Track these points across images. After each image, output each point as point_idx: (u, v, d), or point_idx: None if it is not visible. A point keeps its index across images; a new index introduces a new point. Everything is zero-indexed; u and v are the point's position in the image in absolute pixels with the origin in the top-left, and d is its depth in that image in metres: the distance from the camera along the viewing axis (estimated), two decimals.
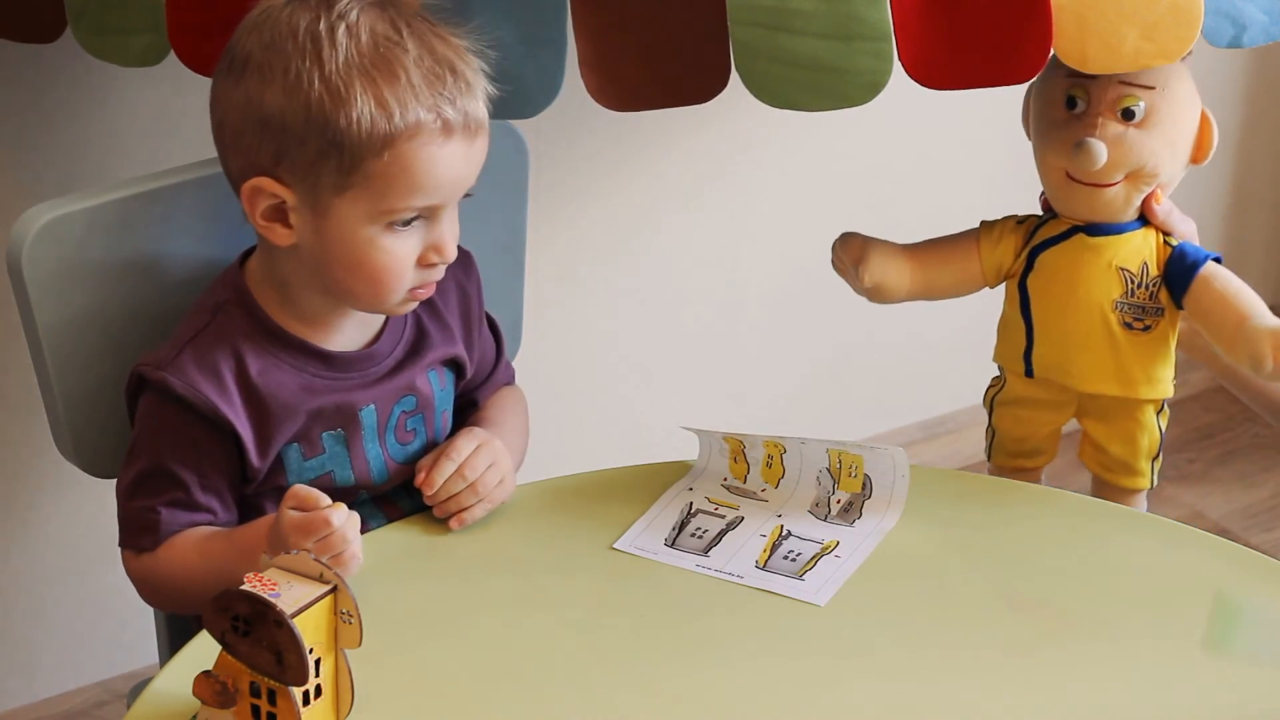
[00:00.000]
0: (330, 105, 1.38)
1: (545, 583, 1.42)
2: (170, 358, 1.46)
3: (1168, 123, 1.56)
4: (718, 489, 1.53)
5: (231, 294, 1.49)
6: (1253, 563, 1.46)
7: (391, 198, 1.41)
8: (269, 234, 1.44)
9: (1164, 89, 1.55)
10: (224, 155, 1.46)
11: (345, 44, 1.39)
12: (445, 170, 1.41)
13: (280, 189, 1.41)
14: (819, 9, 1.40)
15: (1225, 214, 2.96)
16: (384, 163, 1.39)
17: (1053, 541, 1.48)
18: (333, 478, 1.50)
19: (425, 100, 1.40)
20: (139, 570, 1.48)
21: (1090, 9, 1.40)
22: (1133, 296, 1.59)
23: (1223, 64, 2.79)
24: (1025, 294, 1.62)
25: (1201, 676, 1.33)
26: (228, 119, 1.43)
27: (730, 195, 2.43)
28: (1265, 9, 1.47)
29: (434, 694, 1.30)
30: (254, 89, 1.40)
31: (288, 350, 1.48)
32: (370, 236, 1.42)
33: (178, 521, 1.46)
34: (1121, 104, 1.54)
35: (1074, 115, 1.56)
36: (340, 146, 1.39)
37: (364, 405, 1.50)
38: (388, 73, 1.39)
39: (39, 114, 1.99)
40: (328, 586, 1.21)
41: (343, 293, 1.46)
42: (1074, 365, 1.61)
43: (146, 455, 1.47)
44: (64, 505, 2.16)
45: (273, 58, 1.39)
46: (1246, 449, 2.80)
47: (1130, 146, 1.55)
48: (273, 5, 1.42)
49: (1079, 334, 1.60)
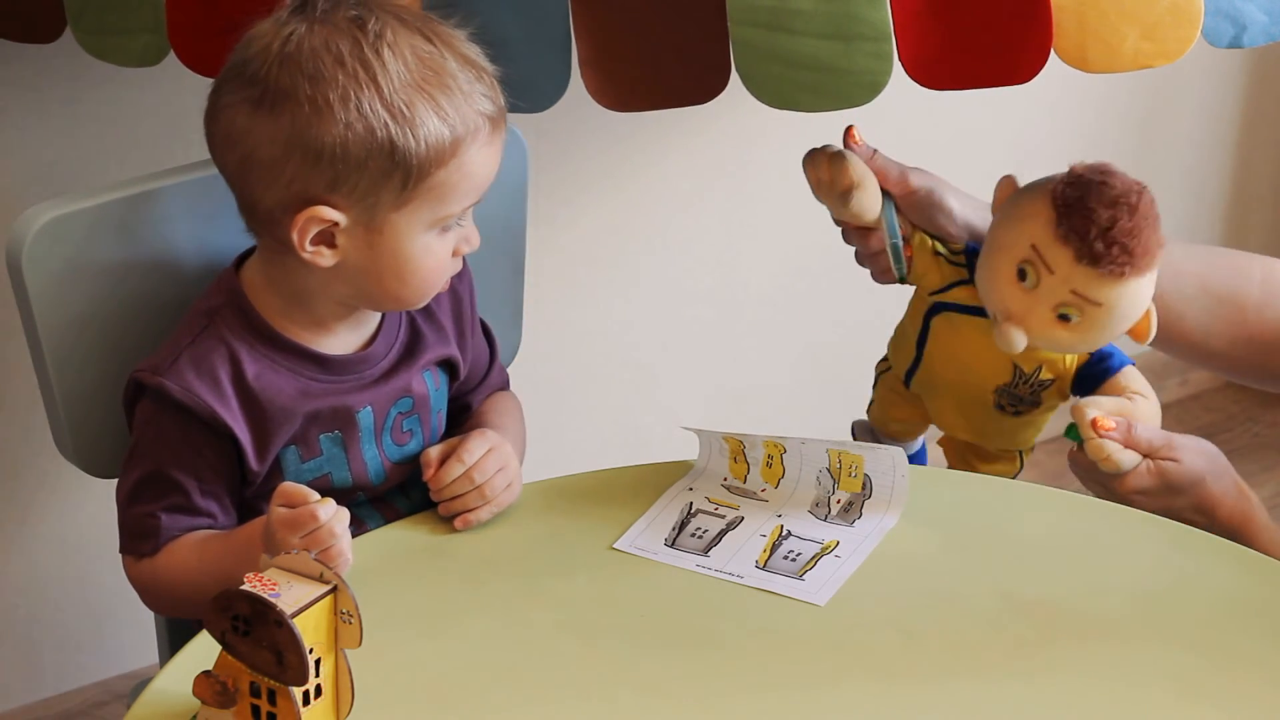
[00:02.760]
0: (396, 128, 1.38)
1: (545, 583, 1.42)
2: (167, 363, 1.46)
3: (1101, 333, 1.53)
4: (718, 489, 1.53)
5: (227, 298, 1.49)
6: (1253, 563, 1.46)
7: (451, 203, 1.42)
8: (315, 259, 1.42)
9: (1111, 307, 1.51)
10: (250, 188, 1.43)
11: (395, 65, 1.39)
12: (493, 166, 1.44)
13: (334, 213, 1.41)
14: (819, 9, 1.40)
15: (1225, 214, 2.96)
16: (447, 172, 1.40)
17: (1053, 541, 1.49)
18: (330, 479, 1.50)
19: (474, 103, 1.41)
20: (140, 576, 1.48)
21: (1090, 9, 1.40)
22: (1015, 388, 1.59)
23: (1223, 64, 2.79)
24: (926, 329, 1.62)
25: (1201, 676, 1.33)
26: (260, 153, 1.40)
27: (730, 195, 2.43)
28: (1265, 9, 1.47)
29: (434, 694, 1.30)
30: (301, 121, 1.38)
31: (284, 354, 1.48)
32: (425, 243, 1.43)
33: (178, 526, 1.46)
34: (1062, 309, 1.52)
35: (1020, 286, 1.53)
36: (407, 165, 1.39)
37: (360, 407, 1.50)
38: (441, 85, 1.40)
39: (39, 114, 1.99)
40: (328, 586, 1.21)
41: (383, 298, 1.47)
42: (936, 408, 1.64)
43: (146, 461, 1.47)
44: (64, 505, 2.16)
45: (322, 88, 1.38)
46: (1246, 449, 2.80)
47: (1054, 341, 1.54)
48: (295, 34, 1.40)
49: (955, 394, 1.62)
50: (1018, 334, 1.53)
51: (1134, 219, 1.49)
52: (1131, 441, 1.53)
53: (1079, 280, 1.50)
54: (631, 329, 2.43)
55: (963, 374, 1.60)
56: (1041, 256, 1.51)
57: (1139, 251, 1.49)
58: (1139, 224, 1.49)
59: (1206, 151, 2.89)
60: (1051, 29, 1.40)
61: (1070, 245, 1.49)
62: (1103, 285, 1.50)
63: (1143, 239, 1.49)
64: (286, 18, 1.41)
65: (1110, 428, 1.52)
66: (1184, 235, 2.89)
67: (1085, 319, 1.52)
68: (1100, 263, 1.49)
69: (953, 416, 1.63)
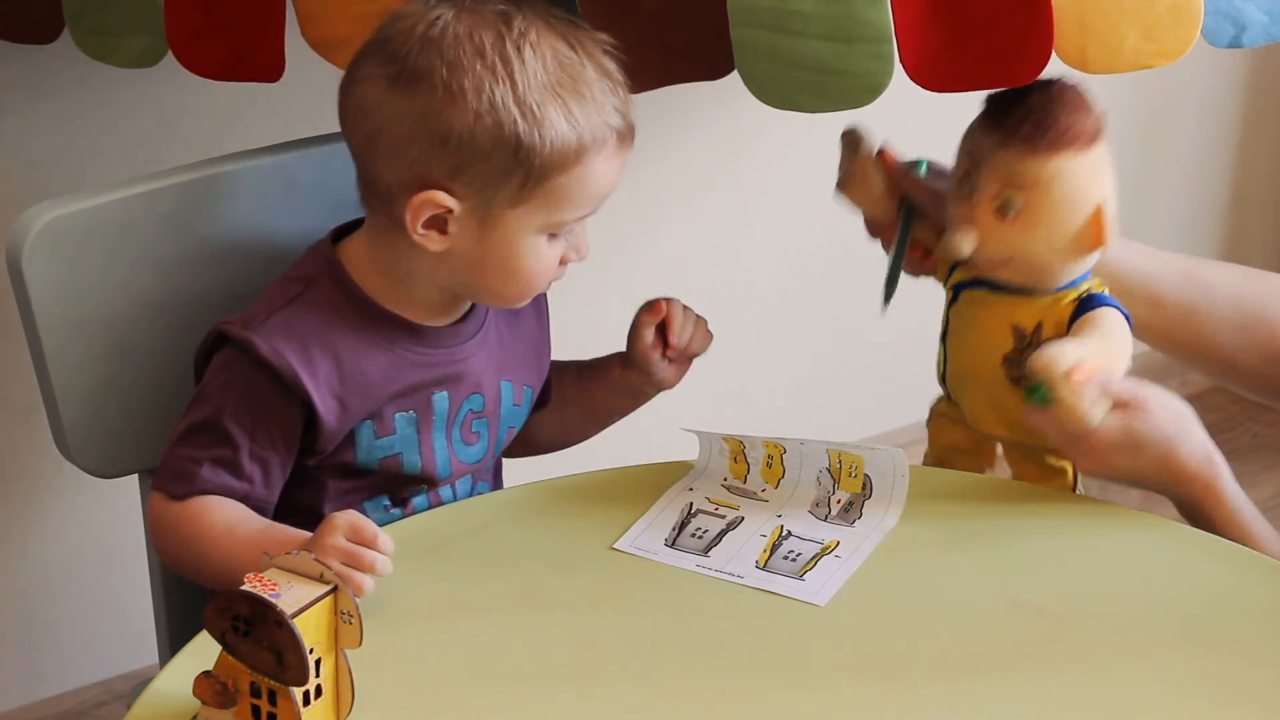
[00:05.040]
0: (525, 126, 1.39)
1: (545, 583, 1.42)
2: (259, 320, 1.45)
3: (1042, 224, 1.51)
4: (718, 489, 1.53)
5: (324, 268, 1.49)
6: (1253, 563, 1.46)
7: (567, 210, 1.43)
8: (424, 243, 1.43)
9: (1044, 189, 1.50)
10: (373, 162, 1.44)
11: (534, 64, 1.40)
12: (614, 179, 1.45)
13: (450, 200, 1.41)
14: (820, 10, 1.40)
15: (1225, 214, 2.96)
16: (568, 178, 1.41)
17: (1053, 541, 1.48)
18: (401, 461, 1.51)
19: (606, 115, 1.42)
20: (162, 515, 1.46)
21: (1091, 10, 1.40)
22: (1021, 354, 1.55)
23: (1223, 64, 2.79)
24: (947, 322, 1.61)
25: (1202, 675, 1.33)
26: (389, 129, 1.41)
27: (730, 195, 2.43)
28: (1265, 9, 1.47)
29: (434, 694, 1.30)
30: (433, 105, 1.39)
31: (378, 325, 1.48)
32: (533, 245, 1.44)
33: (215, 481, 1.45)
34: (998, 199, 1.51)
35: (961, 195, 1.53)
36: (529, 164, 1.40)
37: (438, 390, 1.51)
38: (574, 91, 1.40)
39: (39, 114, 2.00)
40: (328, 587, 1.21)
41: (485, 292, 1.48)
42: (968, 404, 1.61)
43: (206, 407, 1.46)
44: (64, 505, 2.16)
45: (459, 76, 1.39)
46: (1246, 449, 2.80)
47: (1002, 241, 1.52)
48: (441, 18, 1.41)
49: (972, 378, 1.60)
50: (963, 235, 1.52)
51: (1049, 94, 1.50)
52: (1107, 390, 1.48)
53: (1005, 163, 1.50)
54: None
55: (974, 354, 1.59)
56: (974, 157, 1.52)
57: (1059, 126, 1.49)
58: (1055, 100, 1.50)
59: (1206, 152, 2.89)
60: (1052, 29, 1.40)
61: (995, 132, 1.50)
62: (1029, 163, 1.49)
63: (1062, 115, 1.49)
64: (436, 1, 1.42)
65: (1085, 379, 1.47)
66: (1184, 235, 2.89)
67: (1026, 209, 1.50)
68: (1017, 135, 1.49)
69: (984, 410, 1.60)
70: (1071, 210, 1.51)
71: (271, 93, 1.71)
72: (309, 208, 1.62)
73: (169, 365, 1.57)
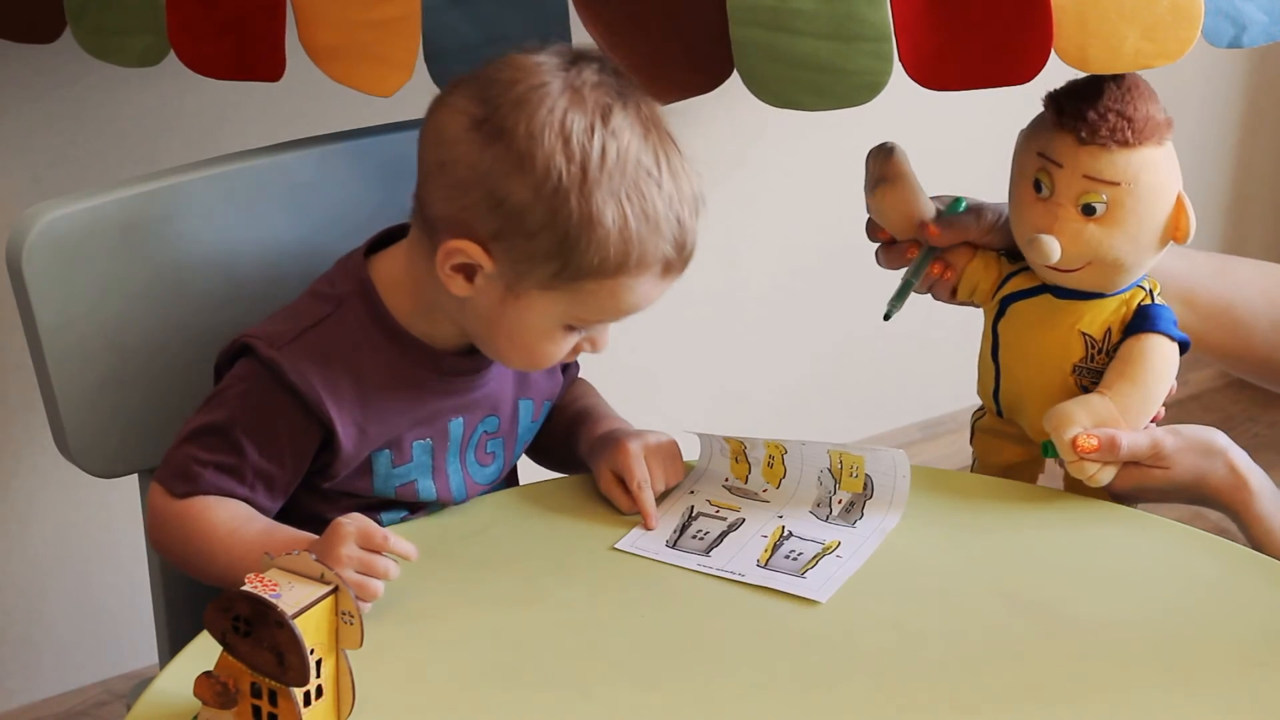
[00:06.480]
0: (577, 222, 1.37)
1: (545, 583, 1.42)
2: (287, 339, 1.45)
3: (1130, 219, 1.51)
4: (719, 490, 1.53)
5: (356, 287, 1.48)
6: (1253, 563, 1.46)
7: (592, 312, 1.42)
8: (448, 282, 1.42)
9: (1131, 184, 1.50)
10: (433, 188, 1.42)
11: (613, 164, 1.37)
12: (645, 303, 1.43)
13: (484, 258, 1.40)
14: (819, 9, 1.40)
15: (1225, 214, 2.96)
16: (602, 287, 1.40)
17: (1053, 541, 1.49)
18: (416, 488, 1.50)
19: (663, 243, 1.40)
20: (161, 510, 1.46)
21: (1091, 9, 1.40)
22: (1092, 361, 1.56)
23: (1223, 64, 2.79)
24: (996, 338, 1.60)
25: (1201, 677, 1.33)
26: (456, 168, 1.40)
27: (730, 195, 2.43)
28: (1265, 9, 1.47)
29: (434, 694, 1.30)
30: (502, 165, 1.38)
31: (405, 351, 1.47)
32: (550, 330, 1.43)
33: (218, 486, 1.44)
34: (1083, 199, 1.50)
35: (1039, 199, 1.52)
36: (568, 259, 1.38)
37: (454, 417, 1.50)
38: (640, 208, 1.38)
39: (39, 114, 2.00)
40: (329, 587, 1.21)
41: (491, 349, 1.47)
42: (1029, 419, 1.60)
43: (221, 412, 1.45)
44: (64, 505, 2.16)
45: (535, 149, 1.37)
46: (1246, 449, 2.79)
47: (1088, 242, 1.51)
48: (546, 86, 1.38)
49: (1038, 389, 1.58)
50: (1049, 240, 1.51)
51: (1122, 88, 1.50)
52: (1115, 458, 1.50)
53: (1087, 162, 1.49)
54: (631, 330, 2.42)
55: (1039, 366, 1.58)
56: (1049, 157, 1.51)
57: (1137, 117, 1.49)
58: (1129, 92, 1.50)
59: (1206, 152, 2.89)
60: (1052, 29, 1.40)
61: (1070, 130, 1.50)
62: (1112, 160, 1.49)
63: (1138, 106, 1.49)
64: (551, 64, 1.40)
65: (1091, 448, 1.50)
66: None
67: (1111, 207, 1.50)
68: (1099, 133, 1.48)
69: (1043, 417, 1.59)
70: (1157, 203, 1.51)
71: (271, 93, 1.71)
72: (309, 208, 1.62)
73: (169, 365, 1.57)
